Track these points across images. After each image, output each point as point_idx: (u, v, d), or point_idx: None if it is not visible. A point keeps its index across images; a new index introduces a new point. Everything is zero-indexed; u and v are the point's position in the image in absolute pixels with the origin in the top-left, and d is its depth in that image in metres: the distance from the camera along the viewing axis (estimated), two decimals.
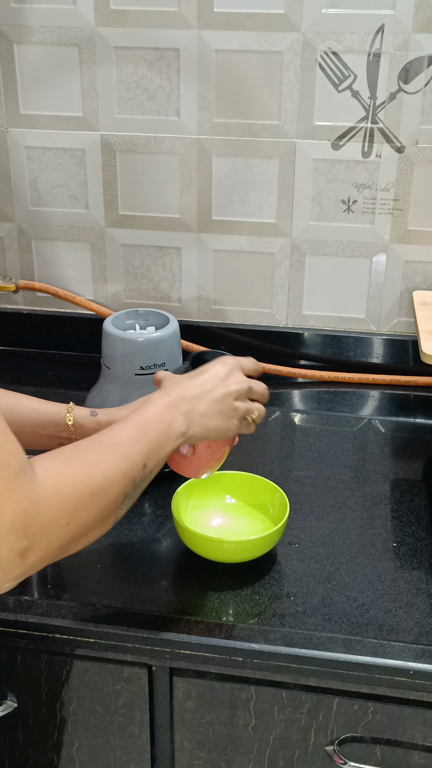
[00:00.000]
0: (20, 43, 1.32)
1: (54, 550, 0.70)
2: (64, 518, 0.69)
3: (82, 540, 0.73)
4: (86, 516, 0.72)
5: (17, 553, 0.66)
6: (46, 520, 0.67)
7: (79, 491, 0.71)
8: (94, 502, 0.72)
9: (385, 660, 0.86)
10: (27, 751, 1.01)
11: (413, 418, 1.34)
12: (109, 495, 0.74)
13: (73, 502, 0.70)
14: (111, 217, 1.42)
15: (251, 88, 1.30)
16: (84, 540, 0.74)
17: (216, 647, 0.88)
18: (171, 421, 0.82)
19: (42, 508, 0.67)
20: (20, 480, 0.66)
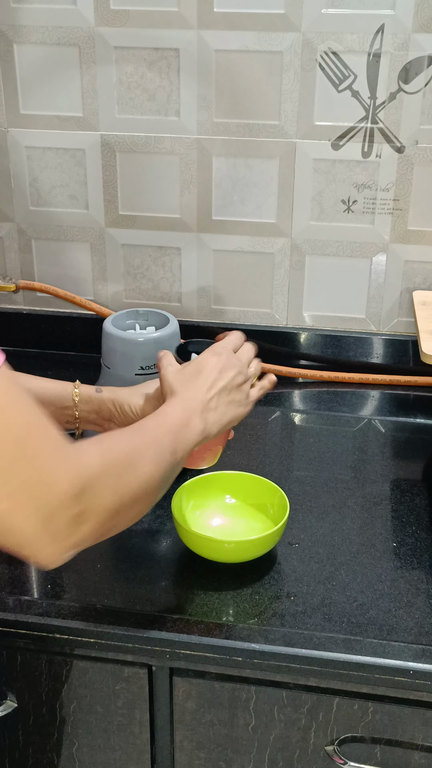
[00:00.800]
0: (20, 43, 1.32)
1: (104, 519, 0.71)
2: (111, 485, 0.72)
3: (128, 513, 0.75)
4: (130, 486, 0.74)
5: (72, 519, 0.67)
6: (95, 487, 0.70)
7: (121, 461, 0.74)
8: (135, 473, 0.75)
9: (385, 660, 0.86)
10: (27, 751, 1.01)
11: (413, 418, 1.34)
12: (147, 469, 0.77)
13: (116, 470, 0.73)
14: (111, 217, 1.42)
15: (251, 88, 1.30)
16: (129, 513, 0.76)
17: (216, 647, 0.88)
18: (190, 424, 0.86)
19: (91, 475, 0.69)
20: (67, 449, 0.68)
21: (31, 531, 0.66)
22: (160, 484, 0.79)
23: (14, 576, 0.97)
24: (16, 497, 0.65)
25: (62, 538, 0.68)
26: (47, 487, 0.66)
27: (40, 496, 0.65)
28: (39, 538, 0.67)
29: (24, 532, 0.66)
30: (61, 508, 0.67)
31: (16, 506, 0.65)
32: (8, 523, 0.66)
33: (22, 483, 0.65)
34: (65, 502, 0.67)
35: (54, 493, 0.66)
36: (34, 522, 0.66)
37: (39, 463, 0.65)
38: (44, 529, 0.66)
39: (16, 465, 0.64)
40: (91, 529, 0.70)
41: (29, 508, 0.65)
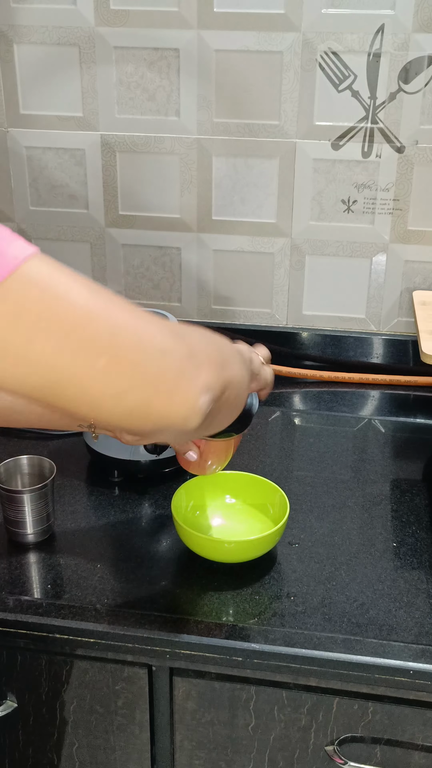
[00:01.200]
0: (20, 43, 1.32)
1: (215, 364, 0.68)
2: (197, 333, 0.69)
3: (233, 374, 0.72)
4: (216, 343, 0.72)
5: (185, 356, 0.64)
6: (185, 331, 0.67)
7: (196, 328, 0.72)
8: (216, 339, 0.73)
9: (385, 660, 0.86)
10: (27, 751, 1.01)
11: (413, 418, 1.34)
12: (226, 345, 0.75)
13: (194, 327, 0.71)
14: (111, 217, 1.42)
15: (251, 88, 1.30)
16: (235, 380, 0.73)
17: (216, 647, 0.88)
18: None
19: (175, 322, 0.66)
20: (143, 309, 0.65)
21: (147, 380, 0.61)
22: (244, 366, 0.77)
23: (14, 576, 0.97)
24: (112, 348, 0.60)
25: (186, 380, 0.63)
26: (140, 332, 0.61)
27: (137, 341, 0.61)
28: (159, 385, 0.62)
29: (139, 383, 0.61)
30: (166, 347, 0.62)
31: (117, 356, 0.60)
32: (118, 379, 0.61)
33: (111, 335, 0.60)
34: (167, 341, 0.63)
35: (150, 335, 0.62)
36: (144, 367, 0.61)
37: (119, 316, 0.61)
38: (159, 373, 0.62)
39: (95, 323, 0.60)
40: (210, 369, 0.66)
41: (133, 355, 0.61)
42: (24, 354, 0.58)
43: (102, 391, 0.61)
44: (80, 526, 1.06)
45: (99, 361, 0.60)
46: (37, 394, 0.61)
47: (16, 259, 0.57)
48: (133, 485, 1.13)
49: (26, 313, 0.58)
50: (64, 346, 0.59)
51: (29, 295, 0.58)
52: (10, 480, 1.03)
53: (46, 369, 0.59)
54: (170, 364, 0.63)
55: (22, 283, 0.57)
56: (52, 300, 0.59)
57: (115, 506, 1.09)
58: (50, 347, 0.59)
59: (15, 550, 1.01)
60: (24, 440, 1.22)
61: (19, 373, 0.59)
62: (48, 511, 1.01)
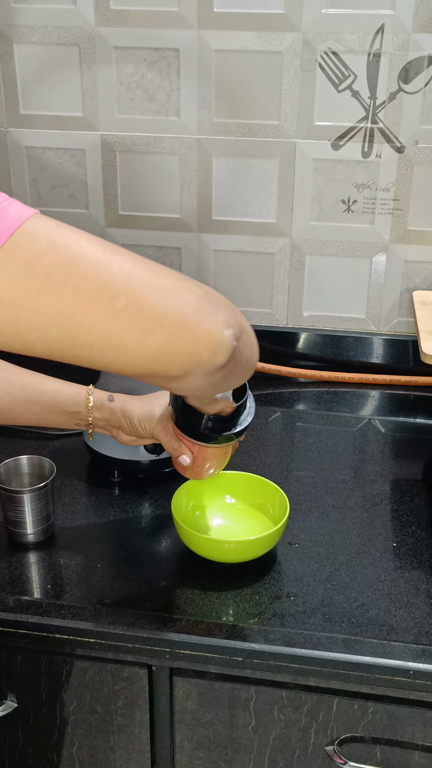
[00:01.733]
0: (20, 43, 1.32)
1: (228, 307, 0.67)
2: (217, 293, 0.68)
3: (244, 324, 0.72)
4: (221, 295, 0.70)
5: (203, 295, 0.64)
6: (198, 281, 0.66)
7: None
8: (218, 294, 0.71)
9: (385, 660, 0.86)
10: (27, 751, 1.01)
11: (413, 418, 1.34)
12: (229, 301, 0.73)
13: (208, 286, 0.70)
14: (111, 217, 1.42)
15: (251, 88, 1.30)
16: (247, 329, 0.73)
17: (216, 647, 0.88)
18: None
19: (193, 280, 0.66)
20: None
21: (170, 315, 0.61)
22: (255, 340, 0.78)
23: (14, 576, 0.97)
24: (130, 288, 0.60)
25: (207, 315, 0.63)
26: (154, 274, 0.61)
27: (153, 281, 0.61)
28: (183, 320, 0.61)
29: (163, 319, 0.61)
30: (182, 287, 0.62)
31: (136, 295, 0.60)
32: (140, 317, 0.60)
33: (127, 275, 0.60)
34: (182, 282, 0.63)
35: (164, 276, 0.62)
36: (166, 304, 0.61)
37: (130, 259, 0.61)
38: (180, 308, 0.61)
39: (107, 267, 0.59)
40: (226, 309, 0.66)
41: (152, 293, 0.61)
42: (41, 307, 0.58)
43: (125, 333, 0.60)
44: (80, 526, 1.06)
45: (118, 303, 0.59)
46: (61, 348, 0.60)
47: (20, 216, 0.57)
48: (133, 485, 1.13)
49: (37, 265, 0.57)
50: (81, 292, 0.58)
51: (38, 247, 0.57)
52: (10, 480, 1.03)
53: (65, 319, 0.59)
54: (189, 301, 0.63)
55: (30, 237, 0.57)
56: (61, 249, 0.58)
57: (115, 506, 1.09)
58: (66, 296, 0.58)
59: (15, 550, 1.01)
60: (24, 440, 1.22)
61: (39, 326, 0.59)
62: (48, 511, 1.01)
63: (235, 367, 0.71)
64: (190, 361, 0.64)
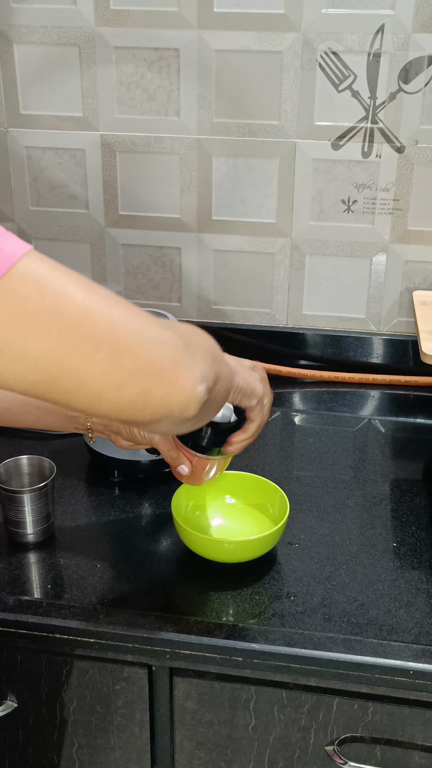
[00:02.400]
0: (20, 43, 1.32)
1: (207, 357, 0.69)
2: (187, 328, 0.70)
3: (221, 371, 0.73)
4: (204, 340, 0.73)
5: (181, 347, 0.65)
6: (175, 325, 0.68)
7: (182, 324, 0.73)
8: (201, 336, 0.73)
9: (385, 660, 0.86)
10: (27, 751, 1.01)
11: (413, 418, 1.34)
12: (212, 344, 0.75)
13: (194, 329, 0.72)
14: (111, 217, 1.42)
15: (251, 88, 1.30)
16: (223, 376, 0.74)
17: (216, 647, 0.88)
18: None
19: (174, 322, 0.68)
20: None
21: (146, 370, 0.62)
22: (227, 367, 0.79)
23: (14, 576, 0.97)
24: (111, 341, 0.61)
25: (183, 369, 0.65)
26: (137, 324, 0.62)
27: (134, 333, 0.62)
28: (158, 374, 0.63)
29: (139, 373, 0.62)
30: (162, 338, 0.64)
31: (116, 349, 0.61)
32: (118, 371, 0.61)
33: (109, 327, 0.61)
34: (162, 333, 0.64)
35: (146, 327, 0.63)
36: (143, 358, 0.62)
37: (115, 309, 0.62)
38: (158, 362, 0.63)
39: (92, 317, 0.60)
40: (204, 361, 0.67)
41: (131, 347, 0.62)
42: (23, 350, 0.59)
43: (102, 382, 0.62)
44: (80, 526, 1.06)
45: (99, 354, 0.61)
46: (38, 390, 0.62)
47: (13, 256, 0.58)
48: (133, 485, 1.13)
49: (24, 309, 0.58)
50: (63, 340, 0.59)
51: (27, 291, 0.58)
52: (10, 480, 1.03)
53: (45, 364, 0.60)
54: (168, 354, 0.64)
55: (20, 280, 0.58)
56: (49, 296, 0.59)
57: (115, 506, 1.09)
58: (49, 342, 0.59)
59: (15, 550, 1.01)
60: (24, 440, 1.22)
61: (19, 369, 0.60)
62: (48, 511, 1.01)
63: (205, 413, 0.73)
64: (161, 413, 0.66)
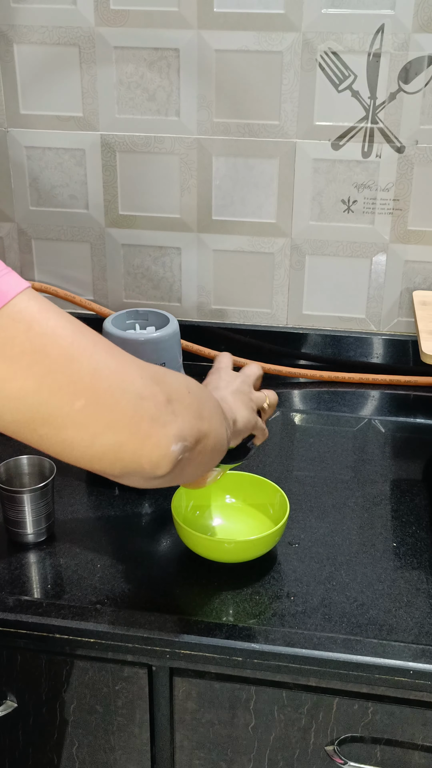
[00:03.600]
0: (20, 43, 1.32)
1: (193, 415, 0.68)
2: (183, 383, 0.69)
3: (210, 429, 0.72)
4: (199, 396, 0.71)
5: (162, 403, 0.64)
6: (168, 379, 0.67)
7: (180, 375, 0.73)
8: (198, 389, 0.73)
9: (385, 660, 0.86)
10: (27, 751, 1.01)
11: (413, 418, 1.34)
12: (211, 400, 0.75)
13: (182, 378, 0.71)
14: (111, 217, 1.42)
15: (251, 88, 1.30)
16: (211, 434, 0.72)
17: (216, 647, 0.88)
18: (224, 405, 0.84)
19: (159, 369, 0.67)
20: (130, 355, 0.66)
21: (122, 423, 0.61)
22: (225, 423, 0.77)
23: (14, 576, 0.97)
24: (91, 390, 0.60)
25: (159, 426, 0.63)
26: (121, 375, 0.62)
27: (117, 384, 0.61)
28: (133, 429, 0.62)
29: (115, 426, 0.61)
30: (145, 392, 0.63)
31: (95, 399, 0.60)
32: (94, 421, 0.61)
33: (91, 375, 0.60)
34: (146, 386, 0.63)
35: (130, 379, 0.62)
36: (121, 411, 0.61)
37: (102, 358, 0.62)
38: (135, 417, 0.62)
39: (77, 363, 0.60)
40: (186, 420, 0.66)
41: (111, 398, 0.61)
42: (2, 389, 0.59)
43: (77, 431, 0.61)
44: (80, 526, 1.06)
45: (77, 403, 0.60)
46: (10, 429, 0.61)
47: (7, 294, 0.58)
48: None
49: (9, 348, 0.58)
50: (44, 384, 0.59)
51: (15, 330, 0.58)
52: (10, 480, 1.03)
53: (23, 405, 0.59)
54: (147, 410, 0.63)
55: (9, 318, 0.58)
56: (36, 337, 0.59)
57: (115, 506, 1.09)
58: (30, 385, 0.59)
59: (15, 550, 1.01)
60: None
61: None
62: (48, 511, 1.01)
63: (183, 472, 0.71)
64: (131, 468, 0.65)
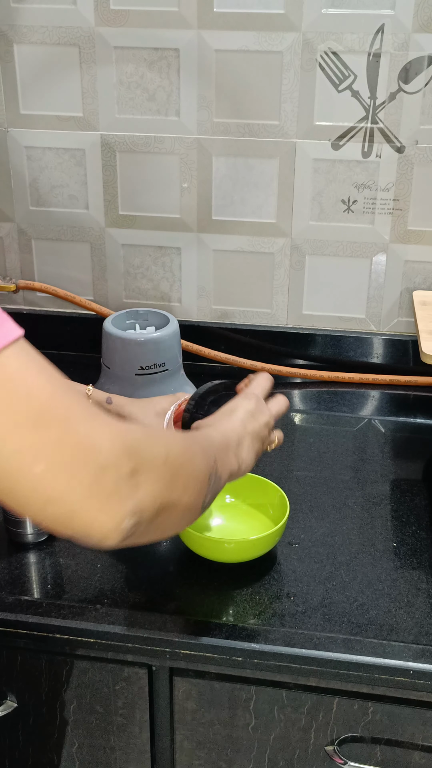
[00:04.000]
0: (20, 43, 1.32)
1: (159, 488, 0.65)
2: (161, 451, 0.66)
3: (181, 499, 0.69)
4: (178, 465, 0.69)
5: (125, 477, 0.61)
6: (144, 448, 0.64)
7: (164, 438, 0.70)
8: (181, 453, 0.70)
9: (385, 660, 0.86)
10: (27, 751, 1.01)
11: (413, 418, 1.34)
12: (197, 461, 0.72)
13: (163, 442, 0.68)
14: (111, 217, 1.42)
15: (251, 88, 1.30)
16: (181, 506, 0.70)
17: (216, 647, 0.88)
18: (228, 452, 0.83)
19: (139, 436, 0.64)
20: (103, 415, 0.63)
21: (78, 493, 0.59)
22: (204, 498, 0.73)
23: (14, 576, 0.97)
24: (54, 457, 0.58)
25: (116, 500, 0.61)
26: (90, 448, 0.60)
27: (81, 453, 0.59)
28: (88, 501, 0.60)
29: (70, 495, 0.59)
30: (109, 463, 0.60)
31: (56, 466, 0.59)
32: (50, 488, 0.59)
33: (57, 442, 0.58)
34: (113, 459, 0.60)
35: (99, 452, 0.60)
36: (79, 481, 0.59)
37: (73, 424, 0.60)
38: (93, 488, 0.60)
39: (46, 427, 0.58)
40: (147, 496, 0.63)
41: (72, 467, 0.59)
42: None
43: (30, 494, 0.59)
44: None
45: (37, 466, 0.58)
46: None
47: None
48: None
49: None
50: (8, 440, 0.58)
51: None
52: None
53: None
54: (105, 483, 0.61)
55: None
56: (12, 392, 0.58)
57: None
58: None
59: (15, 550, 1.01)
60: None
61: None
62: None
63: (140, 539, 0.68)
64: (80, 535, 0.63)
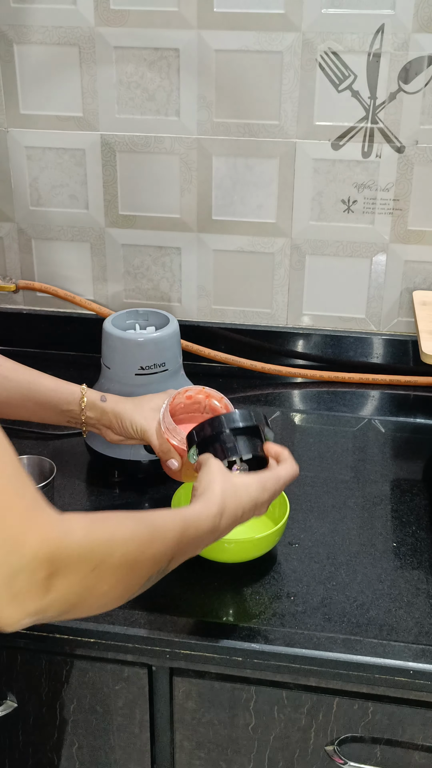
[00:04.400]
0: (20, 43, 1.32)
1: (75, 594, 0.64)
2: (91, 562, 0.65)
3: (98, 601, 0.68)
4: (111, 573, 0.67)
5: (38, 584, 0.61)
6: (72, 556, 0.63)
7: (108, 543, 0.67)
8: (121, 561, 0.68)
9: (385, 660, 0.86)
10: (27, 751, 1.01)
11: (413, 418, 1.34)
12: (138, 567, 0.70)
13: (102, 549, 0.66)
14: (111, 217, 1.42)
15: (251, 88, 1.30)
16: (103, 599, 0.68)
17: (216, 647, 0.88)
18: (216, 533, 0.82)
19: (69, 543, 0.63)
20: (44, 511, 0.62)
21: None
22: (143, 586, 0.72)
23: None
24: None
25: (23, 601, 0.61)
26: (14, 544, 0.59)
27: (5, 552, 0.59)
28: (2, 588, 0.59)
29: None
30: (27, 568, 0.60)
31: None
32: None
33: None
34: (33, 563, 0.60)
35: (21, 551, 0.60)
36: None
37: (7, 517, 0.59)
38: (5, 586, 0.60)
39: None
40: (56, 600, 0.63)
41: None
42: None
43: None
44: None
45: None
46: None
47: None
48: (133, 485, 1.13)
49: None
50: None
51: None
52: None
53: None
54: (17, 584, 0.60)
55: None
56: None
57: (115, 506, 1.09)
58: None
59: None
60: (24, 440, 1.22)
61: None
62: None
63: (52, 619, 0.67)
64: None
